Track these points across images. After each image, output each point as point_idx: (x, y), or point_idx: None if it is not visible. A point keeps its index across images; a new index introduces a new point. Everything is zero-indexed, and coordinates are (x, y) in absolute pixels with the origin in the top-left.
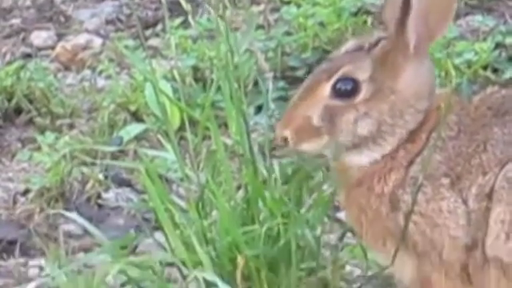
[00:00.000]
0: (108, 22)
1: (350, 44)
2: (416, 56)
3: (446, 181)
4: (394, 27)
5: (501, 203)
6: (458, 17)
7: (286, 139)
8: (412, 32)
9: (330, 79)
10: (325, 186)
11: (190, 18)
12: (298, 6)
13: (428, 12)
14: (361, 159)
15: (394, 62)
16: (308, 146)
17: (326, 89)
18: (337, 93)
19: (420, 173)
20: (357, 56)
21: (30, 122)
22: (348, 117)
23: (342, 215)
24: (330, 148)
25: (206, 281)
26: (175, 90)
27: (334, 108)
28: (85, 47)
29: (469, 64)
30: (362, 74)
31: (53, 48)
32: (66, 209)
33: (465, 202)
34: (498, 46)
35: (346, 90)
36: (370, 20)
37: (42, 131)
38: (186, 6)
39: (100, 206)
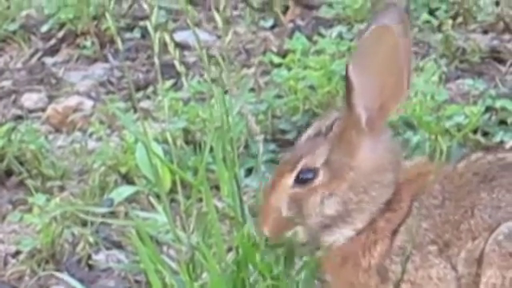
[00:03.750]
0: (99, 84)
1: (311, 129)
2: (371, 131)
3: (433, 248)
4: (346, 107)
5: (492, 266)
6: (448, 80)
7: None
8: (360, 108)
9: (293, 171)
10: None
11: (183, 79)
12: (289, 69)
13: (375, 87)
14: (335, 239)
15: (349, 139)
16: (288, 237)
17: (290, 180)
18: (298, 182)
19: (406, 242)
20: (315, 143)
21: (21, 183)
22: (313, 200)
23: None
24: (305, 235)
25: None
26: (166, 152)
27: (298, 195)
28: (76, 109)
29: (459, 127)
30: (319, 160)
31: (44, 110)
32: (57, 270)
33: (454, 267)
34: (488, 109)
35: (307, 179)
36: None
37: (33, 193)
38: (180, 68)
39: (91, 267)
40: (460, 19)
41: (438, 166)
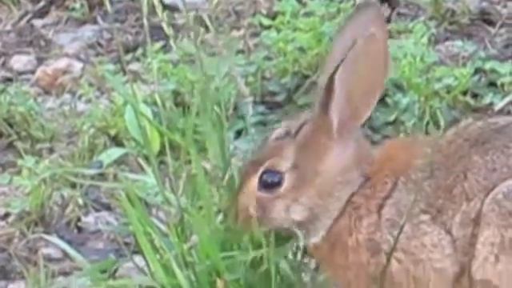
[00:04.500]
0: (88, 47)
1: (280, 129)
2: (340, 137)
3: (425, 217)
4: (318, 109)
5: (490, 226)
6: (437, 42)
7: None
8: (335, 115)
9: (257, 172)
10: None
11: (171, 42)
12: (278, 30)
13: (351, 94)
14: (312, 240)
15: (317, 143)
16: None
17: (254, 182)
18: (263, 185)
19: (394, 215)
20: (281, 145)
21: (10, 145)
22: (278, 207)
23: None
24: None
25: None
26: (155, 114)
27: (264, 200)
28: (65, 71)
29: (448, 89)
30: (285, 163)
31: (33, 72)
32: (46, 232)
33: (448, 232)
34: (477, 71)
35: (273, 182)
36: None
37: (22, 155)
38: (168, 30)
39: (80, 229)
40: None
41: (421, 141)
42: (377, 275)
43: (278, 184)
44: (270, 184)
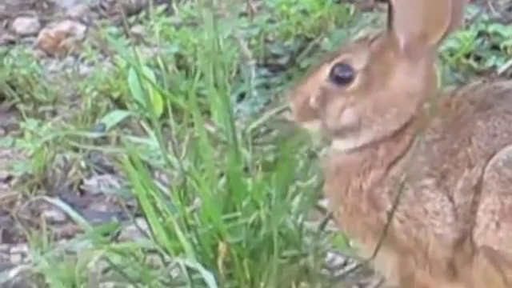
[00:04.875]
0: (91, 9)
1: (361, 34)
2: (408, 57)
3: (429, 181)
4: (387, 24)
5: (490, 193)
6: None
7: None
8: (399, 32)
9: (331, 62)
10: (308, 174)
11: (174, 4)
12: None
13: (417, 14)
14: (336, 146)
15: (387, 58)
16: (306, 125)
17: (326, 71)
18: (334, 77)
19: (401, 174)
20: (358, 46)
21: (13, 108)
22: (337, 103)
23: (324, 203)
24: (321, 132)
25: (187, 267)
26: (158, 77)
27: (328, 92)
28: (68, 34)
29: (451, 52)
30: (358, 63)
31: (36, 35)
32: (49, 195)
33: (451, 199)
34: (480, 34)
35: (343, 77)
36: (352, 8)
37: (25, 118)
38: None
39: (82, 192)
40: None
41: (437, 98)
42: (379, 230)
43: (348, 81)
44: (340, 78)
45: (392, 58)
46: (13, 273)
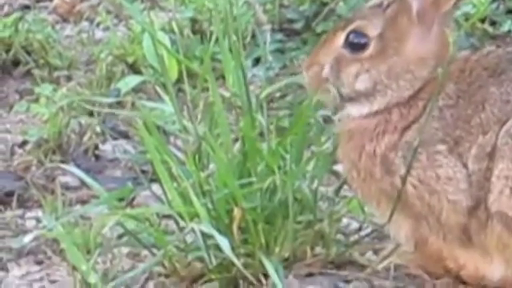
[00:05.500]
0: None
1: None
2: (421, 22)
3: (442, 147)
4: None
5: (504, 159)
6: None
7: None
8: None
9: (345, 29)
10: (323, 139)
11: None
12: None
13: None
14: (351, 112)
15: (400, 24)
16: (319, 96)
17: (341, 38)
18: (349, 44)
19: (414, 139)
20: (373, 12)
21: (28, 73)
22: (351, 70)
23: (339, 168)
24: (333, 99)
25: (202, 233)
26: (173, 42)
27: (343, 59)
28: None
29: (466, 17)
30: (373, 30)
31: (51, 0)
32: (64, 161)
33: (465, 165)
34: None
35: (358, 43)
36: None
37: (40, 83)
38: None
39: (97, 157)
40: None
41: (450, 64)
42: (393, 195)
43: (363, 47)
44: (355, 44)
45: (405, 23)
46: (27, 238)
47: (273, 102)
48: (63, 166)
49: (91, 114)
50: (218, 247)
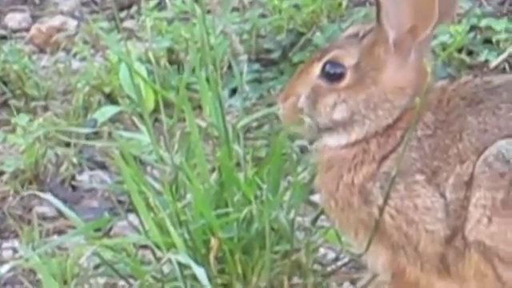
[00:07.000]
0: (83, 4)
1: (351, 29)
2: (398, 52)
3: (420, 177)
4: (376, 20)
5: (481, 188)
6: None
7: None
8: (388, 27)
9: (322, 59)
10: (299, 169)
11: None
12: None
13: (405, 9)
14: (328, 142)
15: (377, 53)
16: (294, 128)
17: (317, 68)
18: (325, 74)
19: (392, 169)
20: (349, 42)
21: (5, 104)
22: (328, 100)
23: (315, 198)
24: (309, 130)
25: (179, 263)
26: (150, 72)
27: (320, 89)
28: (59, 29)
29: (444, 46)
30: (349, 60)
31: (27, 30)
32: (40, 191)
33: (442, 195)
34: (472, 28)
35: (334, 74)
36: (345, 3)
37: (17, 113)
38: None
39: (74, 188)
40: None
41: (428, 93)
42: (371, 225)
43: (339, 77)
44: (331, 74)
45: (382, 53)
46: (4, 268)
47: (249, 132)
48: (40, 195)
49: (68, 144)
50: (195, 277)
